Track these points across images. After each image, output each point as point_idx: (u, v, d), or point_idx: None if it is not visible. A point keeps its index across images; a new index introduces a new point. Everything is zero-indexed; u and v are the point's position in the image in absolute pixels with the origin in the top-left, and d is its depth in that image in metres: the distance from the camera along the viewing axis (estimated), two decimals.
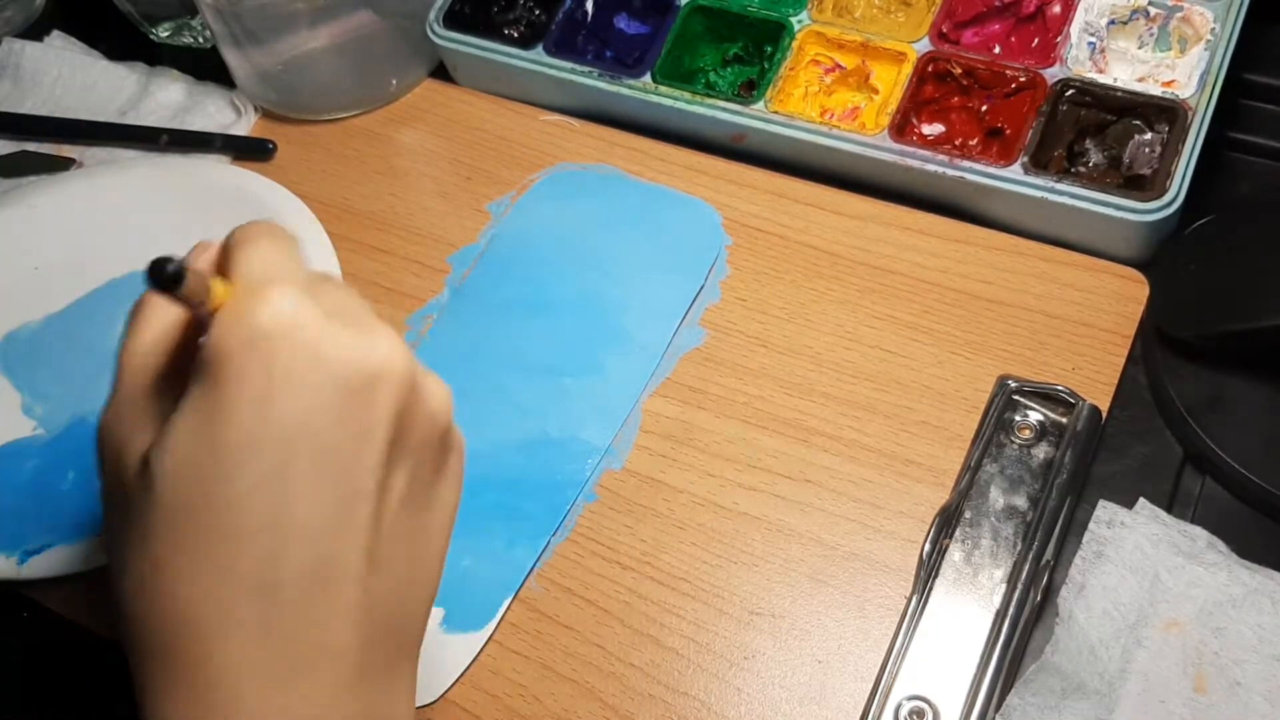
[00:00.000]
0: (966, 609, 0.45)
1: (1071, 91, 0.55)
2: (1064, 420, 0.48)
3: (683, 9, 0.61)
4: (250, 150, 0.65)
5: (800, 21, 0.60)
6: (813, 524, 0.48)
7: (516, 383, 0.54)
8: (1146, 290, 0.52)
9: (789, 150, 0.58)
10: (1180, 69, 0.55)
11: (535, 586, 0.49)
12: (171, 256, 0.29)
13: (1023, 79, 0.56)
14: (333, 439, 0.31)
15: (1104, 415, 0.49)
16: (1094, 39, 0.56)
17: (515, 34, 0.64)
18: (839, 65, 0.60)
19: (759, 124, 0.57)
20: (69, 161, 0.66)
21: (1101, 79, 0.55)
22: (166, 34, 0.72)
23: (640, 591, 0.48)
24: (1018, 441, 0.48)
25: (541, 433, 0.52)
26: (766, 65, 0.60)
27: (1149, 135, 0.54)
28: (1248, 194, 0.55)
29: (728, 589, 0.48)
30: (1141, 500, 0.46)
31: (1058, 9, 0.57)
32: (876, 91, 0.59)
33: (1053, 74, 0.55)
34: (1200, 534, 0.45)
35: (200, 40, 0.71)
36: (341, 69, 0.64)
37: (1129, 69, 0.56)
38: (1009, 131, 0.56)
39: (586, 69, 0.61)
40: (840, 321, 0.54)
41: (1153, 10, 0.56)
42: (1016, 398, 0.49)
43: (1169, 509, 0.46)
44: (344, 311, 0.32)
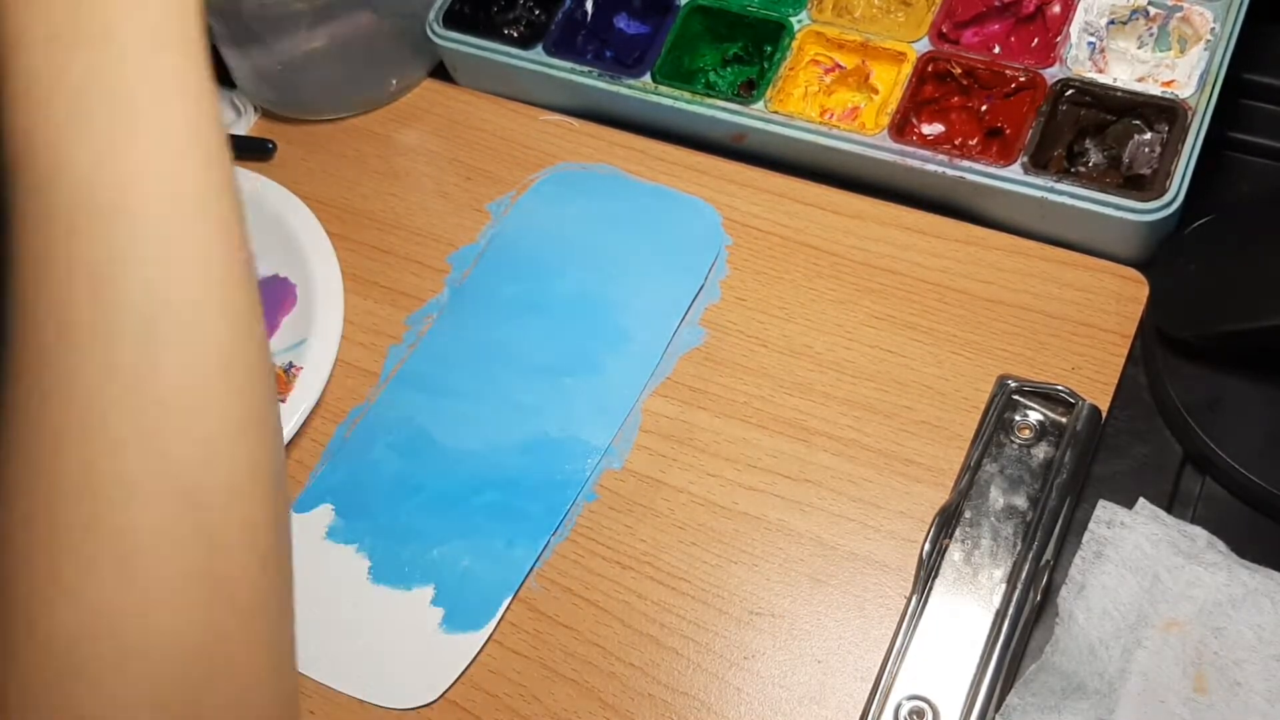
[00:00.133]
0: (966, 609, 0.45)
1: (1071, 91, 0.55)
2: (1064, 420, 0.48)
3: (683, 9, 0.61)
4: (250, 150, 0.65)
5: (800, 21, 0.60)
6: (813, 524, 0.48)
7: (516, 382, 0.54)
8: (1146, 290, 0.52)
9: (789, 150, 0.58)
10: (1180, 69, 0.55)
11: (535, 586, 0.49)
12: None
13: (1022, 79, 0.56)
14: None
15: (1104, 415, 0.49)
16: (1094, 39, 0.56)
17: (515, 34, 0.64)
18: (839, 65, 0.60)
19: (759, 124, 0.57)
20: None
21: (1101, 79, 0.55)
22: None
23: (640, 591, 0.48)
24: (1017, 441, 0.48)
25: (541, 433, 0.52)
26: (766, 65, 0.60)
27: (1149, 135, 0.54)
28: (1248, 194, 0.55)
29: (727, 589, 0.47)
30: (1141, 500, 0.46)
31: (1057, 9, 0.57)
32: (876, 91, 0.59)
33: (1052, 74, 0.55)
34: (1200, 534, 0.45)
35: None
36: (341, 69, 0.64)
37: (1129, 69, 0.56)
38: (1009, 131, 0.56)
39: (586, 69, 0.61)
40: (840, 321, 0.54)
41: (1152, 10, 0.56)
42: (1016, 397, 0.49)
43: (1169, 509, 0.46)
44: None
